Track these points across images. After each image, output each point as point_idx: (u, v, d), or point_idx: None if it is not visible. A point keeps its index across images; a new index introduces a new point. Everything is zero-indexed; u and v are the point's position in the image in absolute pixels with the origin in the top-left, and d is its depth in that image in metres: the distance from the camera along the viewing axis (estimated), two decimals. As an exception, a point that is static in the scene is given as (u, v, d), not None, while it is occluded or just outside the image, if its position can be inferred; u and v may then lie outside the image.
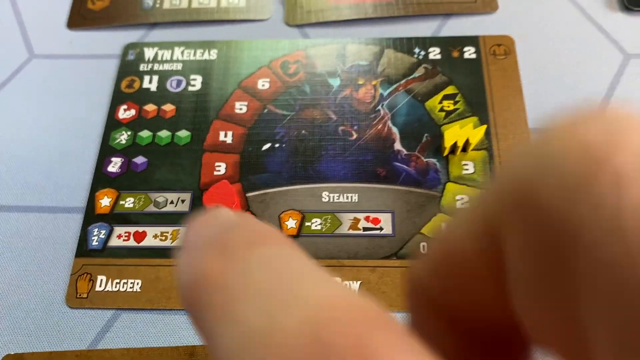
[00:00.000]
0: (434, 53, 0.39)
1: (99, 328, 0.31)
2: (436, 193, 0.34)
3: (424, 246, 0.32)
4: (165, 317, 0.31)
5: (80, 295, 0.32)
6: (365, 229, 0.33)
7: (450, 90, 0.37)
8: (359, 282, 0.31)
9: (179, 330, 0.31)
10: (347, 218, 0.33)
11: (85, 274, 0.32)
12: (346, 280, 0.31)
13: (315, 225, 0.33)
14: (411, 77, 0.38)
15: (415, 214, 0.33)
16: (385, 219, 0.33)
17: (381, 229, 0.33)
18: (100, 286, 0.32)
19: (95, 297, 0.31)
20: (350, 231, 0.33)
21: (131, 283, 0.32)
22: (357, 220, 0.33)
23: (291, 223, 0.33)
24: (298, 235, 0.33)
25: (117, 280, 0.32)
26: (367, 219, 0.33)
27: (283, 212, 0.33)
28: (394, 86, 0.38)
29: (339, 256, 0.32)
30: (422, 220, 0.33)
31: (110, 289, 0.32)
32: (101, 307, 0.31)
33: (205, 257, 0.09)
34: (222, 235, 0.09)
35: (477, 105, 0.37)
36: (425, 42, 0.39)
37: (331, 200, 0.34)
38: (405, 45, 0.39)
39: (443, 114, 0.36)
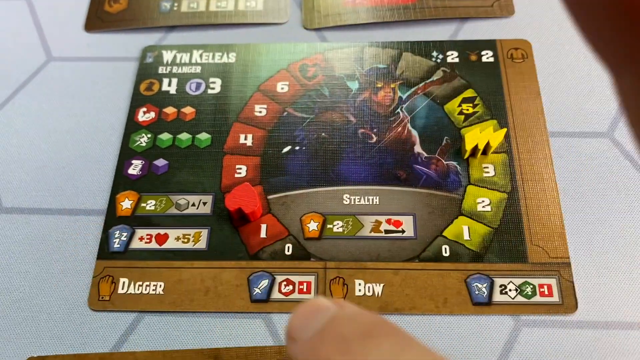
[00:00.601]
0: (452, 56, 0.39)
1: (122, 331, 0.31)
2: (457, 196, 0.34)
3: (445, 249, 0.32)
4: (188, 320, 0.31)
5: (102, 297, 0.32)
6: (387, 231, 0.33)
7: (469, 93, 0.37)
8: (382, 285, 0.31)
9: (202, 332, 0.31)
10: (368, 220, 0.33)
11: (107, 277, 0.32)
12: (369, 282, 0.31)
13: (337, 228, 0.33)
14: (429, 80, 0.38)
15: (436, 217, 0.33)
16: (407, 222, 0.33)
17: (403, 231, 0.33)
18: (122, 289, 0.32)
19: (117, 300, 0.31)
20: (372, 234, 0.33)
21: (154, 285, 0.32)
22: (378, 223, 0.33)
23: (313, 225, 0.33)
24: (320, 237, 0.33)
25: (140, 283, 0.32)
26: (388, 221, 0.33)
27: (304, 214, 0.34)
28: (413, 89, 0.38)
29: (361, 258, 0.32)
30: (443, 222, 0.33)
31: (132, 292, 0.32)
32: (124, 310, 0.31)
33: (324, 352, 0.09)
34: (331, 327, 0.09)
35: (496, 108, 0.37)
36: (443, 46, 0.39)
37: (352, 202, 0.34)
38: (423, 48, 0.39)
39: (462, 117, 0.37)
